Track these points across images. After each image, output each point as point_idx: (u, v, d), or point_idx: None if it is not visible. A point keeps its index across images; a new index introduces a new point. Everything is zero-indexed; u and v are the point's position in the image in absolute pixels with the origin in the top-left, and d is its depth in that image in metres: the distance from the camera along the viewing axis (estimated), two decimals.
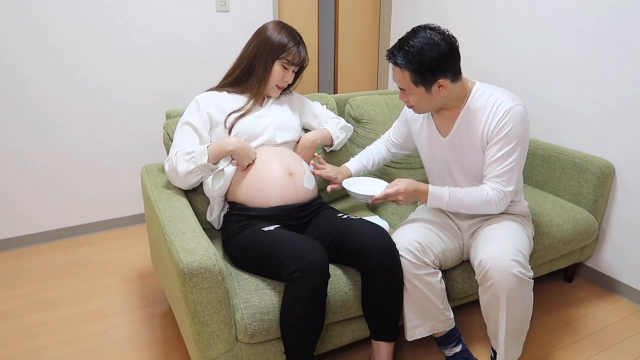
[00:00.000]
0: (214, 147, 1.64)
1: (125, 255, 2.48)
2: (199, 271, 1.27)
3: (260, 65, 1.72)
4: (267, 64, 1.71)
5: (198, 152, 1.62)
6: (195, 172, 1.63)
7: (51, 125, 2.49)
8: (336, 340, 1.60)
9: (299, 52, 1.72)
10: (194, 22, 2.70)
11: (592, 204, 2.05)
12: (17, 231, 2.55)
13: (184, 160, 1.62)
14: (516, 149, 1.51)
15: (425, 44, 1.42)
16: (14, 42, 2.31)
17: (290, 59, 1.71)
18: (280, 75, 1.73)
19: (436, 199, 1.59)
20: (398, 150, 1.93)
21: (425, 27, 1.46)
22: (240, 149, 1.63)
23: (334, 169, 1.81)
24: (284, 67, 1.72)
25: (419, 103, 1.54)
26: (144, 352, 1.79)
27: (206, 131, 1.70)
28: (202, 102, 1.71)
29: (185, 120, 1.70)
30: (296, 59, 1.72)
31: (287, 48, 1.70)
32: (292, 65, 1.73)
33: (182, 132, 1.69)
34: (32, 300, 2.10)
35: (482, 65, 2.63)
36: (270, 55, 1.70)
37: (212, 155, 1.63)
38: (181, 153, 1.63)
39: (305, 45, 1.76)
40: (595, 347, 1.82)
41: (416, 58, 1.42)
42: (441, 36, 1.44)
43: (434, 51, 1.42)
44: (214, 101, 1.72)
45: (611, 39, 2.01)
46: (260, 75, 1.73)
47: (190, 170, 1.62)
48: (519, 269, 1.43)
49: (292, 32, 1.73)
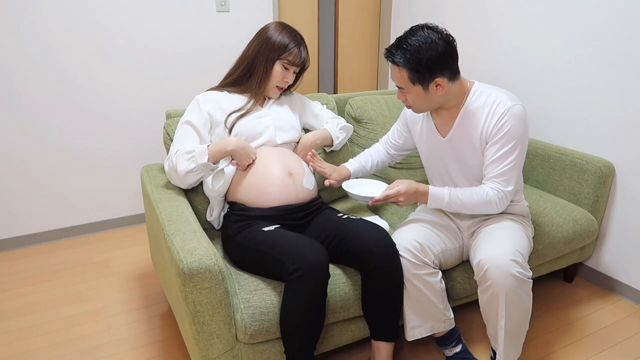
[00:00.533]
0: (214, 147, 1.64)
1: (125, 255, 2.48)
2: (199, 271, 1.27)
3: (261, 65, 1.72)
4: (268, 64, 1.71)
5: (198, 151, 1.62)
6: (195, 172, 1.63)
7: (51, 126, 2.49)
8: (336, 340, 1.60)
9: (300, 53, 1.73)
10: (194, 22, 2.70)
11: (592, 204, 2.05)
12: (17, 231, 2.55)
13: (184, 160, 1.62)
14: (515, 149, 1.51)
15: (423, 42, 1.43)
16: (12, 45, 2.31)
17: (291, 59, 1.71)
18: (280, 75, 1.73)
19: (436, 200, 1.59)
20: (397, 151, 1.93)
21: (423, 27, 1.47)
22: (240, 149, 1.63)
23: (331, 166, 1.81)
24: (285, 67, 1.73)
25: (416, 102, 1.54)
26: (144, 352, 1.79)
27: (206, 131, 1.70)
28: (202, 101, 1.72)
29: (186, 119, 1.70)
30: (297, 60, 1.73)
31: (288, 48, 1.70)
32: (293, 65, 1.73)
33: (182, 131, 1.69)
34: (32, 300, 2.10)
35: (481, 65, 2.63)
36: (271, 55, 1.71)
37: (212, 155, 1.63)
38: (181, 152, 1.63)
39: (306, 47, 1.76)
40: (595, 347, 1.82)
41: (414, 56, 1.43)
42: (439, 35, 1.45)
43: (431, 50, 1.42)
44: (215, 101, 1.73)
45: (611, 39, 2.01)
46: (260, 75, 1.73)
47: (190, 169, 1.62)
48: (518, 269, 1.43)
49: (293, 32, 1.74)
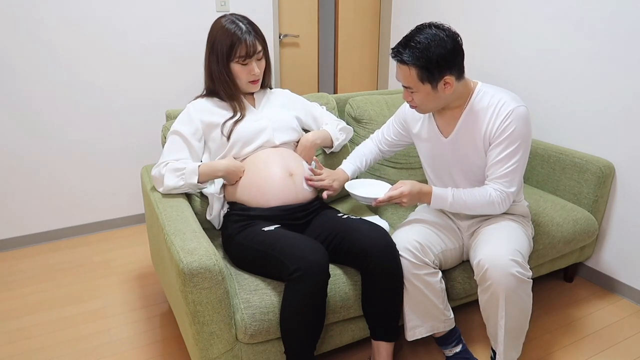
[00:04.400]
0: (204, 169, 1.63)
1: (125, 255, 2.48)
2: (199, 271, 1.27)
3: (220, 73, 1.66)
4: (224, 69, 1.66)
5: (189, 170, 1.61)
6: (182, 188, 1.64)
7: (51, 126, 2.49)
8: (336, 340, 1.60)
9: (246, 43, 1.61)
10: (194, 22, 2.70)
11: (592, 204, 2.05)
12: (17, 231, 2.55)
13: (174, 176, 1.62)
14: (519, 150, 1.51)
15: (431, 40, 1.42)
16: (12, 44, 2.31)
17: (243, 54, 1.62)
18: (244, 72, 1.66)
19: (439, 200, 1.59)
20: (390, 148, 1.91)
21: (430, 25, 1.46)
22: (228, 174, 1.65)
23: (330, 174, 1.79)
24: (242, 64, 1.65)
25: (423, 102, 1.52)
26: (144, 352, 1.79)
27: (196, 139, 1.68)
28: (194, 110, 1.69)
29: (175, 129, 1.68)
30: (249, 51, 1.62)
31: (234, 45, 1.61)
32: (247, 58, 1.64)
33: (171, 141, 1.68)
34: (32, 300, 2.10)
35: (482, 65, 2.63)
36: (222, 60, 1.64)
37: (201, 175, 1.63)
38: (171, 167, 1.62)
39: (255, 30, 1.64)
40: (595, 347, 1.82)
41: (423, 54, 1.42)
42: (446, 33, 1.44)
43: (440, 47, 1.41)
44: (207, 108, 1.71)
45: (612, 39, 2.01)
46: (224, 82, 1.68)
47: (178, 186, 1.62)
48: (518, 268, 1.43)
49: (234, 24, 1.63)
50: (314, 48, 3.28)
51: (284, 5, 3.08)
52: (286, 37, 3.15)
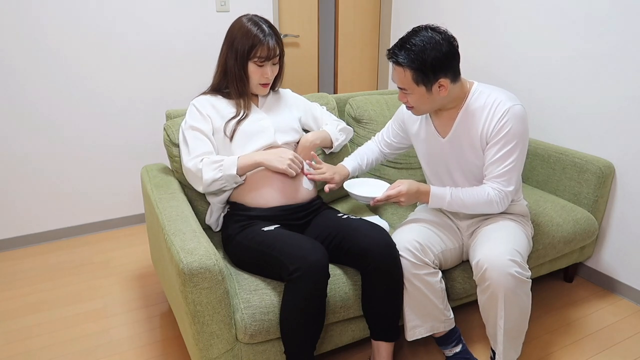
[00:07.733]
0: (243, 159, 1.62)
1: (125, 255, 2.48)
2: (199, 271, 1.28)
3: (235, 70, 1.67)
4: (241, 67, 1.66)
5: (227, 162, 1.60)
6: (220, 180, 1.61)
7: (51, 126, 2.49)
8: (336, 340, 1.60)
9: (268, 45, 1.62)
10: (193, 22, 2.70)
11: (592, 204, 2.05)
12: (17, 231, 2.55)
13: (211, 169, 1.60)
14: (516, 149, 1.51)
15: (427, 42, 1.42)
16: (13, 43, 2.31)
17: (262, 55, 1.63)
18: (258, 73, 1.67)
19: (438, 200, 1.59)
20: (391, 150, 1.91)
21: (426, 27, 1.47)
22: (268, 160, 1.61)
23: (331, 168, 1.79)
24: (258, 65, 1.66)
25: (418, 103, 1.53)
26: (144, 352, 1.79)
27: (212, 135, 1.68)
28: (200, 106, 1.69)
29: (192, 124, 1.66)
30: (268, 53, 1.64)
31: (254, 46, 1.62)
32: (266, 60, 1.65)
33: (192, 136, 1.65)
34: (32, 300, 2.10)
35: (481, 65, 2.63)
36: (240, 58, 1.65)
37: (240, 167, 1.61)
38: (208, 161, 1.61)
39: (276, 34, 1.66)
40: (595, 347, 1.82)
41: (418, 57, 1.42)
42: (442, 36, 1.45)
43: (436, 50, 1.42)
44: (211, 105, 1.70)
45: (611, 39, 2.01)
46: (237, 80, 1.68)
47: (216, 178, 1.59)
48: (516, 268, 1.43)
49: (257, 25, 1.65)
50: (314, 48, 3.28)
51: (284, 5, 3.08)
52: (286, 37, 3.15)
